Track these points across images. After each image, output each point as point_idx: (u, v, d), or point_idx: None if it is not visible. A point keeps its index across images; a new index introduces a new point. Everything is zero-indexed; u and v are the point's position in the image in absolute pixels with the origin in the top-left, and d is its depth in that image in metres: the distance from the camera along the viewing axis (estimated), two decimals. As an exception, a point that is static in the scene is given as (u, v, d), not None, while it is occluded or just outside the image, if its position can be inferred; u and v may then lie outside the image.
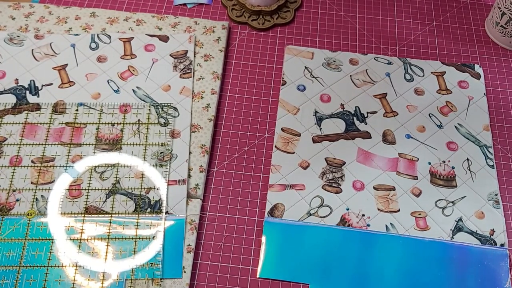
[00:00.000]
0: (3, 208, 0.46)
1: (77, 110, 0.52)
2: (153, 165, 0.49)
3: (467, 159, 0.52)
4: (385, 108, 0.55)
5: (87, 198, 0.47)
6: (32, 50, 0.56)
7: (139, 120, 0.52)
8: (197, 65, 0.57)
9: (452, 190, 0.50)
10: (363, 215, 0.48)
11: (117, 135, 0.51)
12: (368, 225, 0.47)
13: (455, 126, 0.54)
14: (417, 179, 0.50)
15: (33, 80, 0.54)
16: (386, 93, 0.56)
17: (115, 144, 0.51)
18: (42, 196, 0.47)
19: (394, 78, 0.57)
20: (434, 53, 0.61)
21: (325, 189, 0.49)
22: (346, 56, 0.59)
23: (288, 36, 0.61)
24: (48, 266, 0.43)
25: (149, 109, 0.53)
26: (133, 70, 0.56)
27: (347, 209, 0.48)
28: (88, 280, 0.43)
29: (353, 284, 0.44)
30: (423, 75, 0.58)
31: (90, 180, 0.48)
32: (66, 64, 0.56)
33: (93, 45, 0.57)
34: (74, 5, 0.61)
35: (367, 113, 0.55)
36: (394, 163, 0.51)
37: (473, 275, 0.45)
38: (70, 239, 0.45)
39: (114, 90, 0.54)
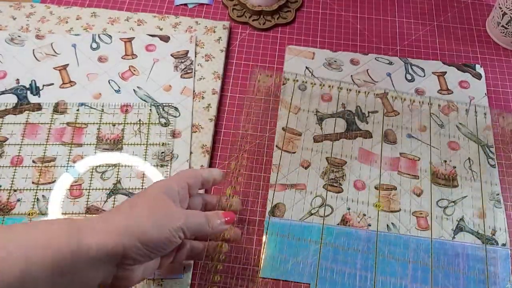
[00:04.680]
0: (4, 208, 0.46)
1: (78, 110, 0.52)
2: (154, 165, 0.49)
3: (469, 158, 0.52)
4: (386, 107, 0.55)
5: (88, 198, 0.47)
6: (33, 50, 0.56)
7: (140, 120, 0.52)
8: (198, 65, 0.57)
9: (453, 190, 0.50)
10: (364, 214, 0.48)
11: (118, 135, 0.51)
12: (369, 225, 0.47)
13: (457, 126, 0.54)
14: (418, 178, 0.50)
15: (34, 80, 0.54)
16: (387, 93, 0.56)
17: (116, 144, 0.51)
18: (43, 196, 0.47)
19: (395, 78, 0.57)
20: (435, 53, 0.61)
21: (326, 189, 0.49)
22: (347, 56, 0.59)
23: (289, 36, 0.61)
24: (49, 266, 0.43)
25: (150, 109, 0.53)
26: (134, 70, 0.56)
27: (348, 209, 0.48)
28: (89, 280, 0.43)
29: (354, 284, 0.44)
30: (424, 75, 0.58)
31: (91, 180, 0.48)
32: (67, 64, 0.56)
33: (94, 45, 0.57)
34: (75, 5, 0.61)
35: (368, 112, 0.54)
36: (395, 162, 0.51)
37: (474, 275, 0.45)
38: (71, 239, 0.45)
39: (115, 90, 0.54)
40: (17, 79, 0.54)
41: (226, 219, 0.38)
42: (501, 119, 0.54)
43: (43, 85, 0.54)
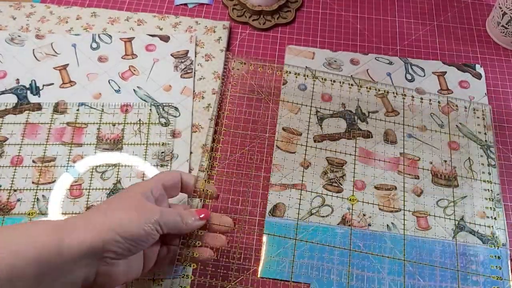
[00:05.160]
0: (4, 208, 0.46)
1: (78, 110, 0.52)
2: (154, 165, 0.49)
3: (469, 158, 0.52)
4: (386, 107, 0.55)
5: (88, 198, 0.47)
6: (33, 50, 0.56)
7: (140, 120, 0.52)
8: (198, 65, 0.57)
9: (453, 190, 0.50)
10: (364, 214, 0.48)
11: (118, 135, 0.51)
12: (369, 225, 0.47)
13: (457, 126, 0.54)
14: (418, 178, 0.50)
15: (34, 80, 0.54)
16: (388, 93, 0.56)
17: (116, 144, 0.51)
18: (43, 196, 0.47)
19: (395, 78, 0.57)
20: (435, 53, 0.61)
21: (326, 189, 0.49)
22: (347, 56, 0.59)
23: (289, 36, 0.61)
24: (49, 266, 0.43)
25: (150, 109, 0.53)
26: (134, 70, 0.56)
27: (348, 209, 0.48)
28: (89, 279, 0.43)
29: (354, 284, 0.44)
30: (424, 75, 0.58)
31: (91, 180, 0.48)
32: (67, 64, 0.56)
33: (94, 45, 0.57)
34: (75, 5, 0.61)
35: (368, 112, 0.54)
36: (396, 162, 0.51)
37: (474, 275, 0.45)
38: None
39: (115, 90, 0.54)
40: (17, 79, 0.54)
41: (201, 216, 0.39)
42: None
43: (43, 85, 0.54)
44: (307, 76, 0.56)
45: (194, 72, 0.56)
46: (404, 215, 0.48)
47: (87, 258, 0.32)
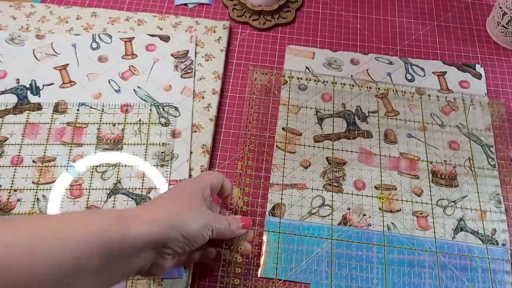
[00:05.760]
0: (4, 208, 0.46)
1: (78, 110, 0.52)
2: (154, 165, 0.49)
3: (469, 158, 0.52)
4: (386, 107, 0.55)
5: (88, 198, 0.47)
6: (33, 50, 0.56)
7: (140, 120, 0.52)
8: (198, 65, 0.57)
9: (453, 190, 0.50)
10: (364, 214, 0.48)
11: (118, 135, 0.51)
12: (369, 225, 0.47)
13: (457, 126, 0.54)
14: (418, 178, 0.50)
15: (34, 80, 0.54)
16: (387, 93, 0.56)
17: (116, 144, 0.51)
18: (43, 195, 0.47)
19: (395, 78, 0.57)
20: (435, 53, 0.61)
21: (326, 189, 0.49)
22: (347, 56, 0.59)
23: (289, 36, 0.61)
24: (49, 266, 0.43)
25: (150, 109, 0.53)
26: (134, 70, 0.56)
27: (348, 209, 0.48)
28: (89, 279, 0.43)
29: (354, 284, 0.44)
30: (424, 75, 0.58)
31: (91, 180, 0.48)
32: (67, 64, 0.56)
33: (94, 45, 0.57)
34: (75, 5, 0.61)
35: (368, 112, 0.54)
36: (396, 162, 0.51)
37: (474, 275, 0.45)
38: (71, 238, 0.45)
39: (115, 90, 0.54)
40: (17, 79, 0.54)
41: (243, 223, 0.41)
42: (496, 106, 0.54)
43: (43, 85, 0.54)
44: (309, 79, 0.56)
45: (194, 72, 0.56)
46: (405, 215, 0.48)
47: (148, 250, 0.33)
